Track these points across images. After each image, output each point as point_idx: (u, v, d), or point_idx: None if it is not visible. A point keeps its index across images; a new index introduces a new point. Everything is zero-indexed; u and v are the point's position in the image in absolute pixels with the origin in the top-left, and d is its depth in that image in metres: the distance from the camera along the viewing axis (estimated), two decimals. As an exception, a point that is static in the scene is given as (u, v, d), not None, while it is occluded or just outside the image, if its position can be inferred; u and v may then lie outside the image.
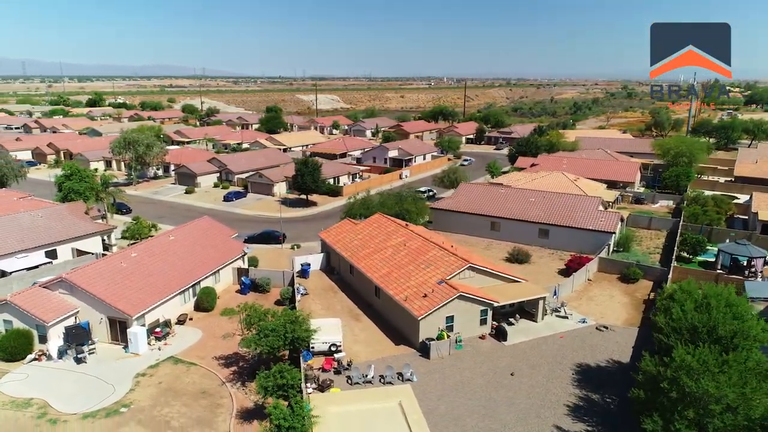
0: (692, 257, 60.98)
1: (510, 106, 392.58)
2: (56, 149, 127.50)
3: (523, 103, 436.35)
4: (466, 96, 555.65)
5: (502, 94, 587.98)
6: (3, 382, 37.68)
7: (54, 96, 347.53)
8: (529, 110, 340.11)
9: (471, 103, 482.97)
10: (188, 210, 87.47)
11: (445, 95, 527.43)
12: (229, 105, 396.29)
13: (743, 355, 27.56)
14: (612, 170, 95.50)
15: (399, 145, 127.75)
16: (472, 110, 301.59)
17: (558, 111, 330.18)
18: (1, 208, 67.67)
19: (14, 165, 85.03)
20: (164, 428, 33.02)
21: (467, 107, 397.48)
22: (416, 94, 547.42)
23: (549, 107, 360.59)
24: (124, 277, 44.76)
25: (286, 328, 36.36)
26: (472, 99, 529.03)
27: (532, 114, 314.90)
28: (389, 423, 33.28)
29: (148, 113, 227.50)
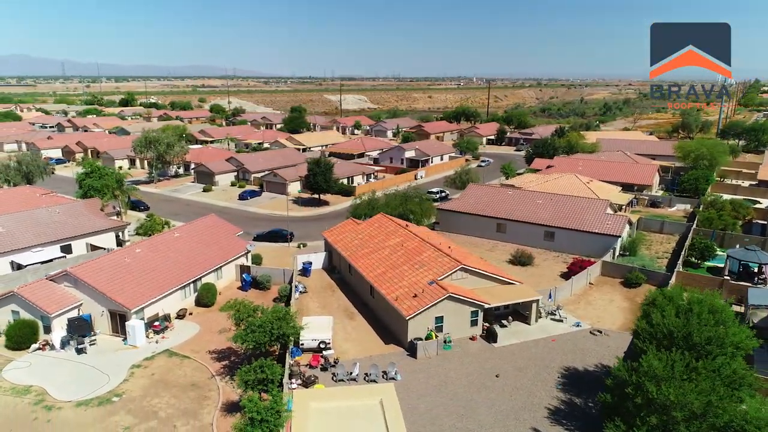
0: (700, 262, 59.69)
1: (538, 107, 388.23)
2: (84, 147, 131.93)
3: (552, 103, 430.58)
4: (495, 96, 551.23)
5: (531, 95, 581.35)
6: (7, 369, 39.59)
7: (89, 96, 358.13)
8: (557, 111, 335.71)
9: (499, 104, 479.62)
10: (203, 208, 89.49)
11: (473, 95, 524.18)
12: (258, 105, 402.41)
13: (718, 362, 27.17)
14: (628, 173, 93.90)
15: (416, 146, 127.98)
16: (499, 111, 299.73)
17: (587, 112, 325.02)
18: (24, 204, 70.82)
19: (40, 162, 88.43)
20: (151, 418, 34.26)
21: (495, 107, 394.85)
22: (444, 95, 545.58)
23: (578, 108, 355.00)
24: (127, 272, 46.41)
25: (273, 325, 37.25)
26: (500, 99, 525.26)
27: (560, 115, 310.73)
28: (367, 420, 33.77)
29: (177, 113, 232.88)
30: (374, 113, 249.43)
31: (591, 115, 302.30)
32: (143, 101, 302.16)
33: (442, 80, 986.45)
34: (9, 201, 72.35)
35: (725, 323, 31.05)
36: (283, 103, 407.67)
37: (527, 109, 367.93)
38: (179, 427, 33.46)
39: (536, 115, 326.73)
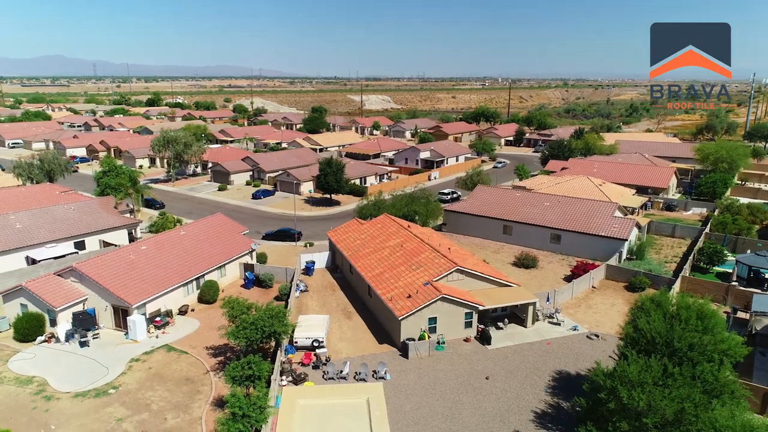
0: (709, 267, 58.51)
1: (562, 108, 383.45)
2: (107, 146, 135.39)
3: (577, 104, 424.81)
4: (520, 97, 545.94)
5: (557, 95, 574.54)
6: (13, 360, 41.16)
7: (117, 96, 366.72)
8: (582, 112, 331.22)
9: (524, 104, 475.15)
10: (217, 207, 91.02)
11: (497, 96, 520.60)
12: (282, 105, 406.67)
13: (699, 369, 26.81)
14: (644, 175, 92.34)
15: (431, 147, 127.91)
16: (523, 112, 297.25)
17: (613, 113, 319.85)
18: (43, 201, 73.26)
19: (61, 161, 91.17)
20: (143, 410, 35.26)
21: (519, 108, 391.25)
22: (468, 95, 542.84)
23: (603, 109, 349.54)
24: (131, 268, 47.72)
25: (265, 323, 37.93)
26: (525, 100, 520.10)
27: (585, 116, 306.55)
28: (352, 419, 34.23)
29: (200, 113, 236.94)
30: (394, 114, 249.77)
31: (616, 116, 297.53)
32: (169, 101, 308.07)
33: (467, 80, 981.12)
34: (30, 198, 74.93)
35: (713, 330, 30.56)
36: (307, 103, 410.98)
37: (551, 110, 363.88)
38: (169, 419, 34.36)
39: (560, 115, 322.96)
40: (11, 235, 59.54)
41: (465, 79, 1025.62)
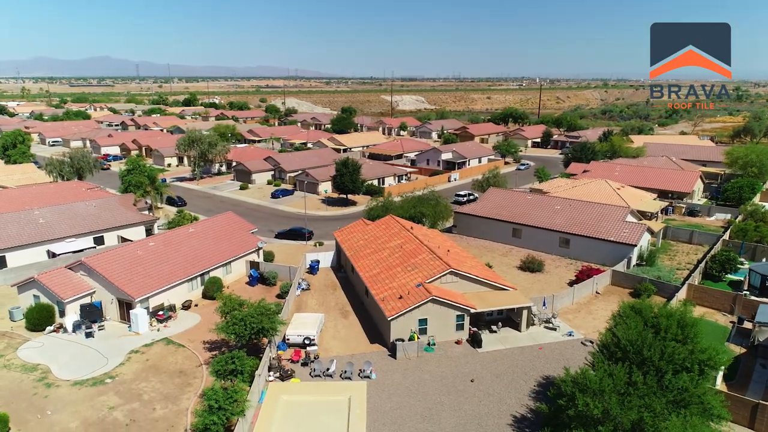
0: (721, 275, 56.74)
1: (599, 109, 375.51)
2: (139, 145, 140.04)
3: (615, 105, 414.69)
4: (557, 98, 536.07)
5: (596, 96, 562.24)
6: (22, 348, 43.45)
7: (156, 96, 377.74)
8: (619, 113, 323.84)
9: (560, 105, 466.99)
10: (236, 205, 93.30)
11: (533, 97, 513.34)
12: (316, 105, 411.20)
13: (667, 378, 26.35)
14: (667, 179, 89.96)
15: (453, 148, 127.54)
16: (558, 113, 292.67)
17: (652, 114, 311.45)
18: (70, 197, 76.60)
19: (90, 159, 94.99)
20: (135, 400, 36.78)
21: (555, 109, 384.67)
22: (503, 96, 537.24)
23: (642, 110, 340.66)
24: (137, 263, 49.61)
25: (254, 319, 38.97)
26: (562, 101, 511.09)
27: (622, 117, 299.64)
28: (332, 416, 34.84)
29: (233, 113, 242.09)
30: (423, 114, 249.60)
31: (655, 117, 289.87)
32: (204, 101, 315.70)
33: (504, 81, 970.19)
34: (58, 194, 78.51)
35: (693, 339, 29.94)
36: (341, 103, 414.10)
37: (587, 111, 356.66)
38: (158, 410, 35.74)
39: (595, 117, 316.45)
40: (34, 230, 62.61)
41: (502, 79, 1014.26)
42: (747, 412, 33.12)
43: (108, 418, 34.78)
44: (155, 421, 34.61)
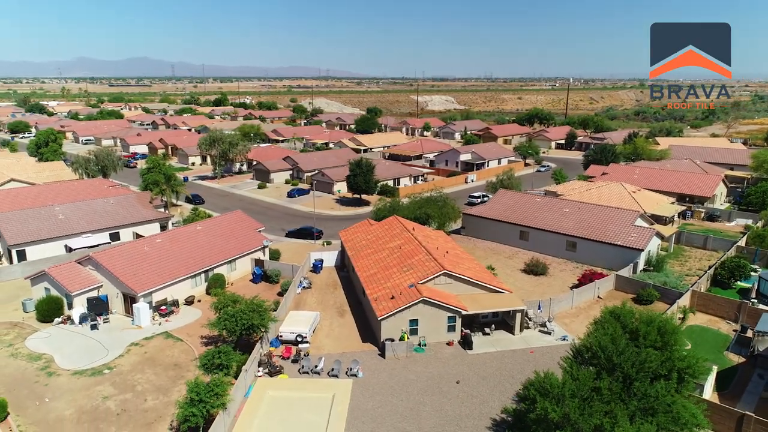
0: (730, 282, 55.23)
1: (633, 110, 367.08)
2: (165, 144, 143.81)
3: (650, 106, 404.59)
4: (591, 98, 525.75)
5: (631, 96, 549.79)
6: (30, 338, 45.52)
7: (188, 96, 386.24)
8: (653, 114, 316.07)
9: (594, 106, 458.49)
10: (252, 203, 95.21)
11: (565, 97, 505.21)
12: (346, 105, 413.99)
13: (636, 385, 26.08)
14: (687, 183, 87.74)
15: (473, 149, 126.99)
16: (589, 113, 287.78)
17: (687, 115, 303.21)
18: (92, 194, 79.47)
19: (114, 157, 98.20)
20: (128, 391, 38.19)
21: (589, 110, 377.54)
22: (535, 96, 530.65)
23: (677, 111, 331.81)
24: (143, 259, 51.31)
25: (244, 316, 39.97)
26: (596, 101, 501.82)
27: (656, 118, 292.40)
28: (314, 412, 35.40)
29: (261, 112, 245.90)
30: (449, 115, 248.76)
31: (690, 118, 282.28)
32: (234, 101, 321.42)
33: (537, 81, 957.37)
34: (81, 191, 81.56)
35: (673, 346, 29.51)
36: (370, 103, 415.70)
37: (620, 112, 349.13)
38: (149, 401, 37.07)
39: (628, 118, 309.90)
40: (54, 225, 65.29)
41: (534, 79, 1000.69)
42: (733, 423, 32.39)
43: (101, 407, 36.25)
44: (144, 411, 35.91)
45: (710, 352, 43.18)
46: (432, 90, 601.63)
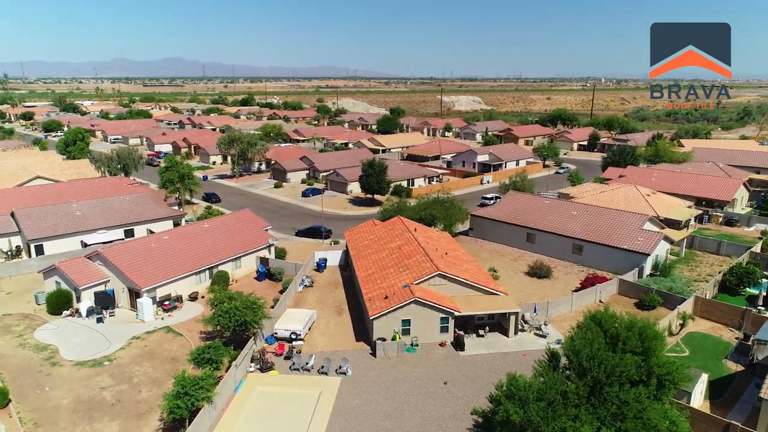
0: (739, 289, 53.86)
1: (664, 110, 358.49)
2: (188, 143, 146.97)
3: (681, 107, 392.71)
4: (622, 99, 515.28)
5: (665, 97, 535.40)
6: (39, 329, 47.42)
7: (216, 96, 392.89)
8: (685, 115, 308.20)
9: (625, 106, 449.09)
10: (266, 202, 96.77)
11: (597, 98, 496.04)
12: (372, 105, 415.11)
13: (607, 390, 25.90)
14: (706, 186, 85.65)
15: (490, 150, 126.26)
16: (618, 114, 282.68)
17: (721, 116, 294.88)
18: (111, 191, 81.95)
19: (135, 156, 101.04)
20: (125, 382, 39.52)
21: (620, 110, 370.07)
22: (564, 96, 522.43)
23: (711, 112, 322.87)
24: (149, 256, 52.87)
25: (238, 312, 40.91)
26: (627, 102, 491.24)
27: (687, 120, 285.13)
28: (299, 408, 36.21)
29: (286, 112, 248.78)
30: (473, 116, 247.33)
31: (724, 119, 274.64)
32: (261, 101, 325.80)
33: (567, 81, 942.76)
34: (100, 188, 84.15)
35: (651, 352, 29.14)
36: (397, 103, 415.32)
37: (651, 113, 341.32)
38: (143, 392, 38.30)
39: (659, 119, 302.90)
40: (71, 221, 67.68)
41: (565, 79, 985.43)
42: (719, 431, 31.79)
43: (97, 398, 37.63)
44: (138, 402, 37.14)
45: (708, 359, 42.38)
46: (459, 90, 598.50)
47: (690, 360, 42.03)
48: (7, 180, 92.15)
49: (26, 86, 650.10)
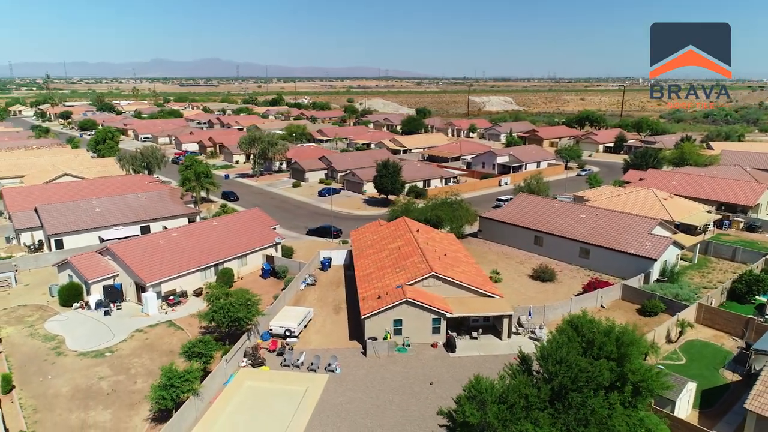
0: (748, 297, 52.28)
1: (702, 112, 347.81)
2: (214, 143, 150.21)
3: (723, 108, 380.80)
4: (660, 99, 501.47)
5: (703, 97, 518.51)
6: (49, 320, 49.57)
7: (247, 96, 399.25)
8: (723, 117, 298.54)
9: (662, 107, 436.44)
10: (283, 201, 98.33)
11: (633, 98, 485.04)
12: (402, 105, 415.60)
13: (571, 396, 25.77)
14: (728, 191, 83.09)
15: (510, 151, 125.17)
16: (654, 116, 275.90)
17: (763, 118, 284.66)
18: (133, 188, 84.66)
19: (157, 155, 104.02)
20: (123, 373, 41.08)
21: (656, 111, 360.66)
22: (599, 97, 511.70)
23: (752, 113, 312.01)
24: (156, 252, 54.60)
25: (231, 309, 42.01)
26: (664, 103, 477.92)
27: (726, 121, 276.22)
28: (284, 403, 37.00)
29: (313, 113, 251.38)
30: (500, 116, 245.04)
31: (766, 121, 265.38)
32: (290, 101, 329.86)
33: (604, 81, 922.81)
34: (122, 186, 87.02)
35: (625, 359, 28.83)
36: (426, 103, 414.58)
37: (688, 114, 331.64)
38: (138, 383, 39.73)
39: (696, 120, 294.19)
40: (90, 217, 70.30)
41: (602, 79, 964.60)
42: (700, 441, 31.18)
43: (95, 387, 39.23)
44: (132, 393, 38.57)
45: (705, 368, 41.43)
46: (491, 90, 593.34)
47: (686, 368, 41.21)
48: (37, 177, 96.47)
49: (69, 86, 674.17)
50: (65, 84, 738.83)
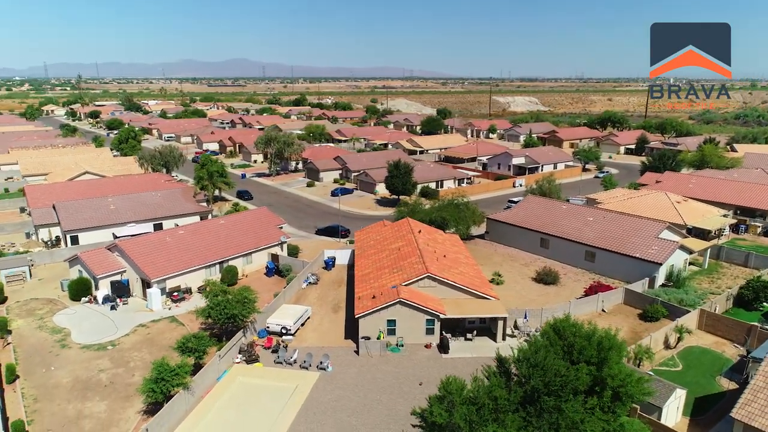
0: (756, 304, 51.03)
1: (733, 113, 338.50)
2: (233, 142, 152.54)
3: (755, 109, 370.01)
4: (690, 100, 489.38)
5: (737, 98, 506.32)
6: (58, 314, 51.30)
7: (271, 96, 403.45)
8: (756, 118, 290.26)
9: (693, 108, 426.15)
10: (296, 201, 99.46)
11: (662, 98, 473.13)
12: (425, 106, 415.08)
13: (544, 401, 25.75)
14: (746, 194, 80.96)
15: (526, 153, 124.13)
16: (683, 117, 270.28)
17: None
18: (149, 187, 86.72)
19: (175, 154, 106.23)
20: (122, 366, 42.33)
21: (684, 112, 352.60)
22: (627, 97, 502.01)
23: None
24: (163, 249, 55.97)
25: (228, 306, 42.89)
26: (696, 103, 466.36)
27: (758, 123, 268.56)
28: (274, 400, 37.69)
29: (334, 113, 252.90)
30: (522, 117, 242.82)
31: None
32: (313, 102, 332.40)
33: (634, 81, 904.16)
34: (139, 184, 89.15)
35: (604, 363, 28.65)
36: (450, 104, 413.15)
37: (718, 115, 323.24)
38: (135, 376, 40.86)
39: (726, 122, 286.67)
40: (105, 215, 72.34)
41: (631, 80, 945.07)
42: (684, 449, 30.72)
43: (94, 379, 40.54)
44: (128, 385, 39.71)
45: (702, 375, 40.70)
46: (517, 91, 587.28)
47: (681, 375, 40.56)
48: (59, 174, 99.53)
49: (101, 86, 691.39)
50: (98, 84, 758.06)
